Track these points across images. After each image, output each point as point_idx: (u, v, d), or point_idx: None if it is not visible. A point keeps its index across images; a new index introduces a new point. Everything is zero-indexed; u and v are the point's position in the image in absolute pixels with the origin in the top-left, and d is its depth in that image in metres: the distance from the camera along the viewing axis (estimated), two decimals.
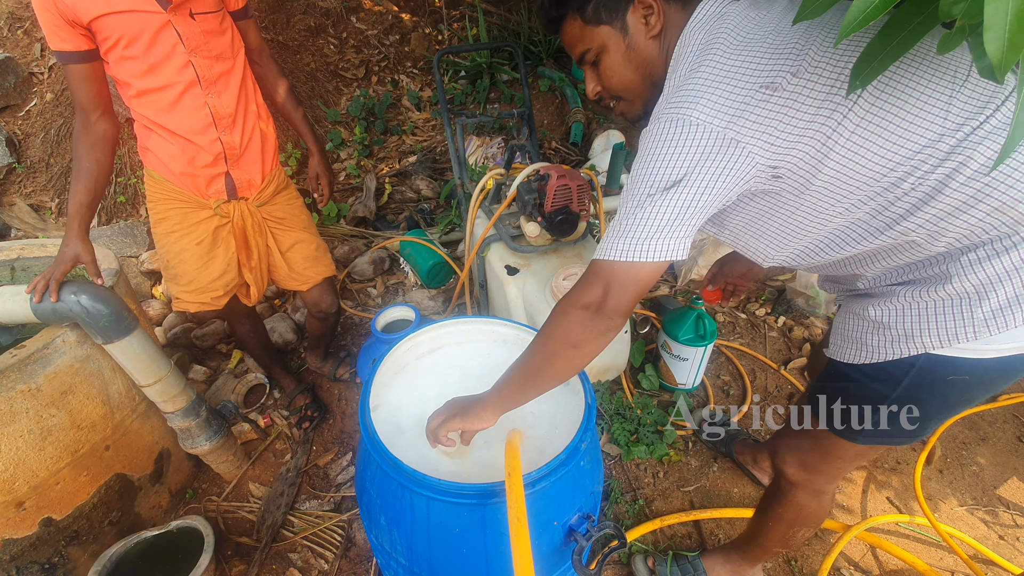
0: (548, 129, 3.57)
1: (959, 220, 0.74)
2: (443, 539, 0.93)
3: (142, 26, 1.25)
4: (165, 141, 1.40)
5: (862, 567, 1.56)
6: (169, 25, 1.28)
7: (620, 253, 0.78)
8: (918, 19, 0.56)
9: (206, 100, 1.38)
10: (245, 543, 1.64)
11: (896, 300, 0.85)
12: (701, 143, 0.74)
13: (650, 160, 0.77)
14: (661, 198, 0.76)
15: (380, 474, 0.97)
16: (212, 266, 1.54)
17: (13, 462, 1.30)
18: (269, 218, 1.61)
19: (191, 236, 1.50)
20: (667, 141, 0.75)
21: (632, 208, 0.77)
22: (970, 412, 2.02)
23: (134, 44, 1.26)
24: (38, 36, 3.06)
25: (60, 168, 2.94)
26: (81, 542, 1.51)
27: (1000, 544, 1.63)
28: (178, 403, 1.56)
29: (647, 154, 0.78)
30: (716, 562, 1.45)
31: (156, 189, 1.48)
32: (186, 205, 1.49)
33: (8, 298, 1.28)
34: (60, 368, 1.34)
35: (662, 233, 0.76)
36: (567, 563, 1.03)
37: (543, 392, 0.93)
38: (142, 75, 1.30)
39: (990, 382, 0.86)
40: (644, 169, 0.77)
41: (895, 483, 1.78)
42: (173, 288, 1.59)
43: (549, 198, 1.65)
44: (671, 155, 0.75)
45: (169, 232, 1.50)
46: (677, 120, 0.75)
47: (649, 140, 0.78)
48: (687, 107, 0.75)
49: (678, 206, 0.76)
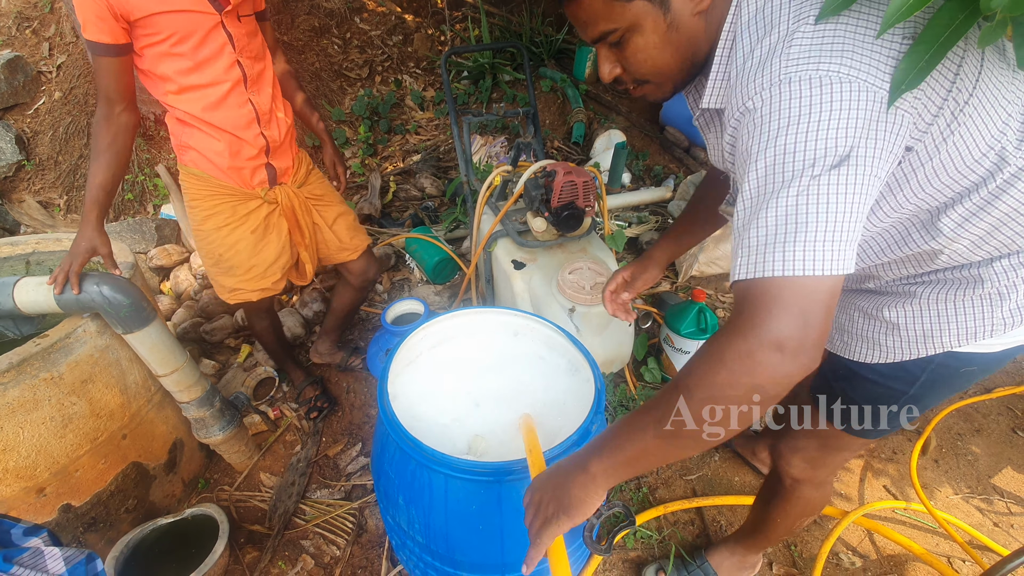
0: (550, 129, 3.62)
1: (1008, 228, 0.72)
2: (460, 516, 0.97)
3: (194, 26, 1.29)
4: (210, 137, 1.43)
5: (860, 551, 1.60)
6: (220, 26, 1.33)
7: (812, 264, 0.57)
8: (962, 14, 0.53)
9: (249, 97, 1.44)
10: (257, 531, 1.68)
11: (915, 302, 0.82)
12: (866, 106, 0.58)
13: (799, 129, 0.59)
14: (829, 178, 0.58)
15: (399, 454, 1.01)
16: (268, 251, 1.60)
17: (35, 448, 1.33)
18: (310, 197, 1.69)
19: (245, 226, 1.55)
20: (821, 104, 0.58)
21: (792, 196, 0.59)
22: (964, 403, 2.07)
23: (184, 42, 1.30)
24: (46, 35, 3.09)
25: (68, 165, 2.97)
26: (98, 529, 1.54)
27: (995, 531, 1.68)
28: (193, 393, 1.59)
29: (790, 123, 0.59)
30: (722, 557, 1.46)
31: (200, 186, 1.51)
32: (234, 198, 1.53)
33: (32, 288, 1.32)
34: (81, 357, 1.37)
35: (845, 228, 0.58)
36: (578, 540, 1.07)
37: (679, 459, 0.71)
38: (188, 72, 1.34)
39: (990, 369, 0.88)
40: (792, 141, 0.59)
41: (891, 471, 1.83)
42: (229, 281, 1.62)
43: (555, 194, 1.69)
44: (832, 121, 0.58)
45: (221, 227, 1.54)
46: (828, 78, 0.59)
47: (785, 107, 0.60)
48: (836, 63, 0.59)
49: (852, 190, 0.58)
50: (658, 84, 0.82)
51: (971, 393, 2.13)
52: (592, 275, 1.74)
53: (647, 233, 2.78)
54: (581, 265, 1.76)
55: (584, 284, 1.70)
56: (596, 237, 2.00)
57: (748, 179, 0.63)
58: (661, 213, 2.95)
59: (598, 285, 1.70)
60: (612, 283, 1.29)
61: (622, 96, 3.85)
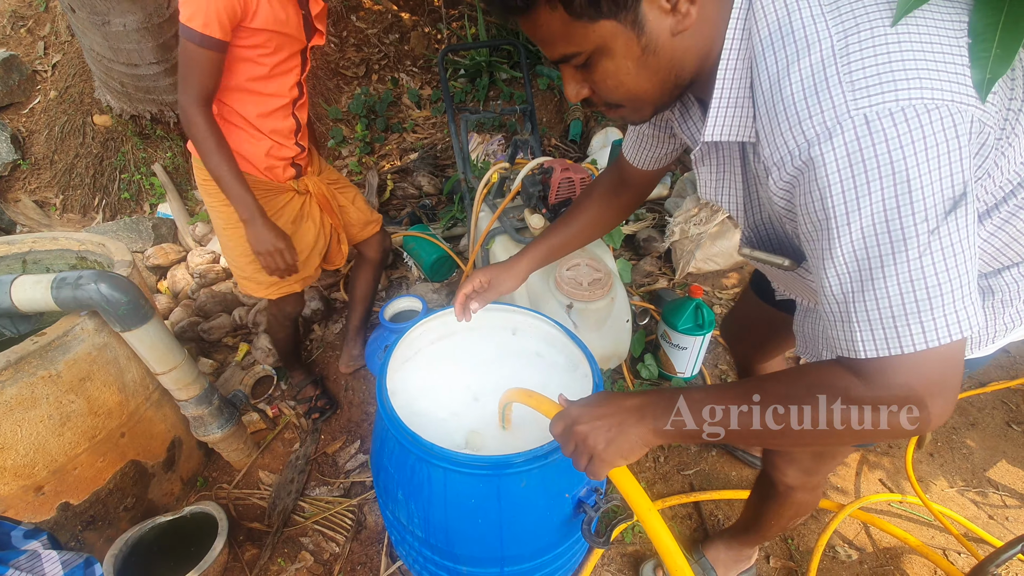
0: (547, 127, 3.62)
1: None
2: (459, 510, 0.98)
3: (287, 47, 1.42)
4: (254, 140, 1.51)
5: (856, 544, 1.61)
6: (299, 52, 1.47)
7: (955, 327, 0.54)
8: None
9: (294, 112, 1.55)
10: (257, 528, 1.68)
11: None
12: (967, 130, 0.52)
13: (899, 180, 0.51)
14: (948, 228, 0.52)
15: (398, 449, 1.01)
16: (306, 239, 1.66)
17: (33, 447, 1.33)
18: (330, 182, 1.78)
19: (283, 219, 1.60)
20: (915, 145, 0.51)
21: (913, 259, 0.53)
22: (959, 397, 2.09)
23: (272, 56, 1.41)
24: (41, 34, 3.08)
25: (64, 165, 2.96)
26: (97, 527, 1.54)
27: (990, 523, 1.69)
28: (192, 391, 1.59)
29: (883, 174, 0.51)
30: (718, 551, 1.46)
31: None
32: (269, 192, 1.58)
33: (29, 286, 1.31)
34: (79, 355, 1.37)
35: (970, 273, 0.54)
36: (577, 533, 1.07)
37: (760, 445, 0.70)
38: (259, 79, 1.43)
39: (973, 370, 0.87)
40: (893, 195, 0.52)
41: (887, 465, 1.84)
42: (271, 278, 1.63)
43: (553, 190, 1.69)
44: (936, 163, 0.51)
45: None
46: (913, 109, 0.50)
47: (871, 154, 0.51)
48: (916, 86, 0.51)
49: (968, 230, 0.53)
50: (634, 108, 0.72)
51: (966, 387, 2.14)
52: (590, 272, 1.74)
53: (644, 230, 2.79)
54: (579, 262, 1.77)
55: (582, 280, 1.70)
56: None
57: (840, 242, 0.55)
58: (657, 210, 2.96)
59: (596, 281, 1.71)
60: (468, 285, 1.15)
61: None
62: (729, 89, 0.64)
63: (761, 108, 0.61)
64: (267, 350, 2.20)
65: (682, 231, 2.59)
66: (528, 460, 0.93)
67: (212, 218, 1.62)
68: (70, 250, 1.74)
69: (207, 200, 1.58)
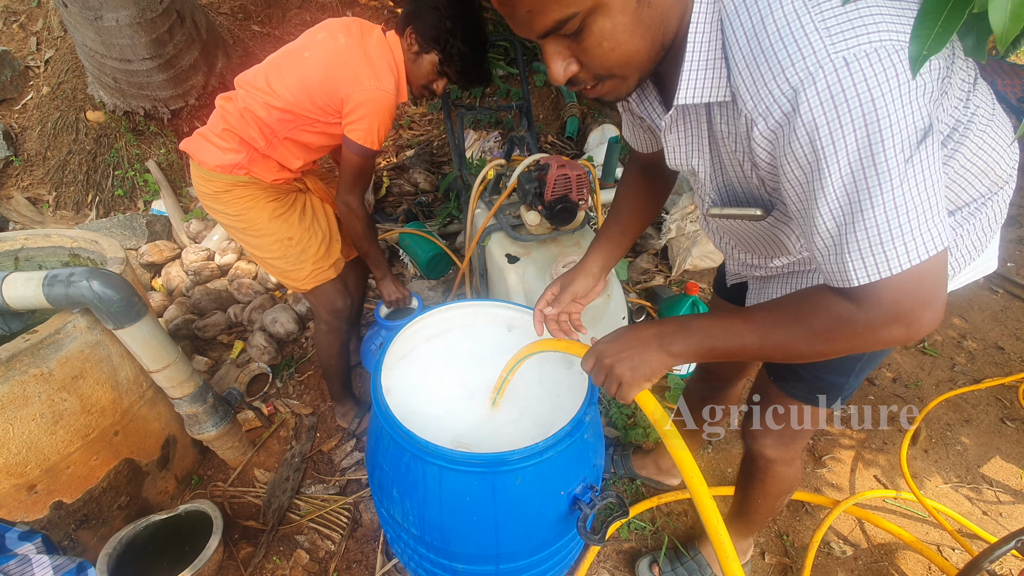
0: (544, 123, 3.61)
1: (956, 185, 0.77)
2: (454, 508, 0.98)
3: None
4: (275, 170, 1.55)
5: (851, 540, 1.62)
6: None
7: (932, 243, 0.58)
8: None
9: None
10: (252, 526, 1.67)
11: None
12: (927, 71, 0.56)
13: (879, 115, 0.55)
14: (920, 156, 0.57)
15: (393, 447, 1.01)
16: (321, 227, 1.68)
17: (26, 445, 1.32)
18: (321, 177, 1.79)
19: (294, 215, 1.62)
20: (889, 82, 0.54)
21: (895, 187, 0.57)
22: (954, 394, 2.09)
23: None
24: (34, 30, 3.05)
25: (57, 161, 2.94)
26: (91, 526, 1.53)
27: (984, 519, 1.70)
28: (186, 389, 1.58)
29: (865, 110, 0.55)
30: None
31: (251, 191, 1.53)
32: (276, 194, 1.59)
33: (20, 283, 1.30)
34: (71, 353, 1.36)
35: (939, 196, 0.58)
36: (572, 531, 1.07)
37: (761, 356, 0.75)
38: (321, 148, 1.57)
39: None
40: (876, 130, 0.55)
41: (882, 462, 1.85)
42: (305, 265, 1.63)
43: (549, 187, 1.69)
44: (907, 97, 0.55)
45: (280, 214, 1.58)
46: (885, 49, 0.54)
47: (852, 93, 0.55)
48: (884, 29, 0.55)
49: (935, 157, 0.58)
50: (622, 78, 0.69)
51: (960, 384, 2.15)
52: None
53: None
54: (575, 258, 1.76)
55: None
56: (589, 231, 2.00)
57: (831, 178, 0.59)
58: None
59: None
60: (542, 300, 1.11)
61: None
62: (701, 51, 0.65)
63: (740, 64, 0.62)
64: (262, 348, 2.19)
65: (678, 228, 2.59)
66: (523, 457, 0.93)
67: (231, 226, 1.58)
68: (63, 247, 1.73)
69: (222, 209, 1.54)
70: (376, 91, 1.39)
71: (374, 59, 1.42)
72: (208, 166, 1.47)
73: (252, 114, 1.44)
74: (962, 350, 2.35)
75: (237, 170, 1.48)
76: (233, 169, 1.48)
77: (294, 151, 1.52)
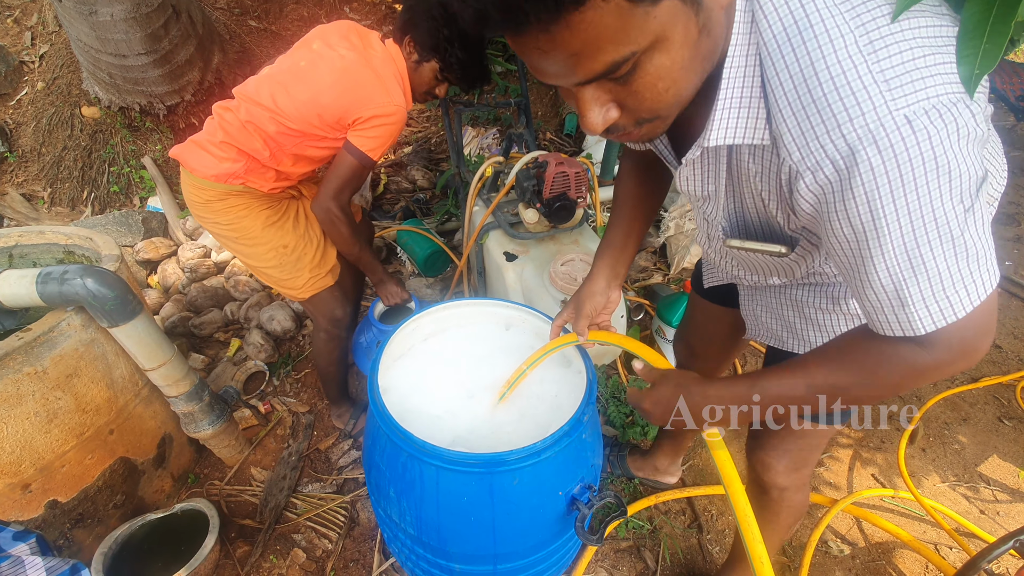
0: (542, 121, 3.60)
1: None
2: (451, 508, 0.97)
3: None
4: (273, 179, 1.51)
5: (848, 539, 1.62)
6: None
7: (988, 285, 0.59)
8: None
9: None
10: (249, 525, 1.67)
11: None
12: (983, 123, 0.56)
13: (940, 174, 0.53)
14: (977, 204, 0.57)
15: (390, 446, 1.00)
16: (313, 232, 1.63)
17: (20, 444, 1.31)
18: (313, 180, 1.76)
19: (288, 223, 1.57)
20: (949, 139, 0.53)
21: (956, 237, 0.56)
22: (951, 392, 2.09)
23: None
24: (28, 24, 3.03)
25: (52, 157, 2.91)
26: (86, 525, 1.52)
27: (981, 518, 1.70)
28: (181, 387, 1.57)
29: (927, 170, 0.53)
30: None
31: (247, 199, 1.49)
32: (270, 203, 1.55)
33: (14, 281, 1.29)
34: (66, 351, 1.35)
35: (989, 236, 0.59)
36: (570, 531, 1.07)
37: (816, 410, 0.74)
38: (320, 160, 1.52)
39: None
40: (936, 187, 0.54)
41: (879, 461, 1.85)
42: (302, 273, 1.59)
43: (547, 185, 1.68)
44: (967, 153, 0.54)
45: (274, 222, 1.54)
46: (943, 105, 0.52)
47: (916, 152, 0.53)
48: (939, 83, 0.53)
49: (985, 204, 0.60)
50: (665, 119, 0.61)
51: (958, 382, 2.15)
52: (584, 267, 1.73)
53: None
54: (573, 256, 1.76)
55: (576, 276, 1.69)
56: (588, 229, 1.99)
57: (891, 239, 0.57)
58: None
59: None
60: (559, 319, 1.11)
61: None
62: (736, 88, 0.60)
63: (785, 110, 0.58)
64: (259, 345, 2.18)
65: (677, 226, 2.58)
66: (521, 458, 0.92)
67: (223, 235, 1.53)
68: (57, 244, 1.71)
69: (214, 218, 1.49)
70: (390, 106, 1.37)
71: (381, 73, 1.39)
72: (202, 174, 1.42)
73: (257, 127, 1.40)
74: None
75: (233, 179, 1.44)
76: (229, 179, 1.44)
77: (298, 163, 1.49)
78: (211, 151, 1.42)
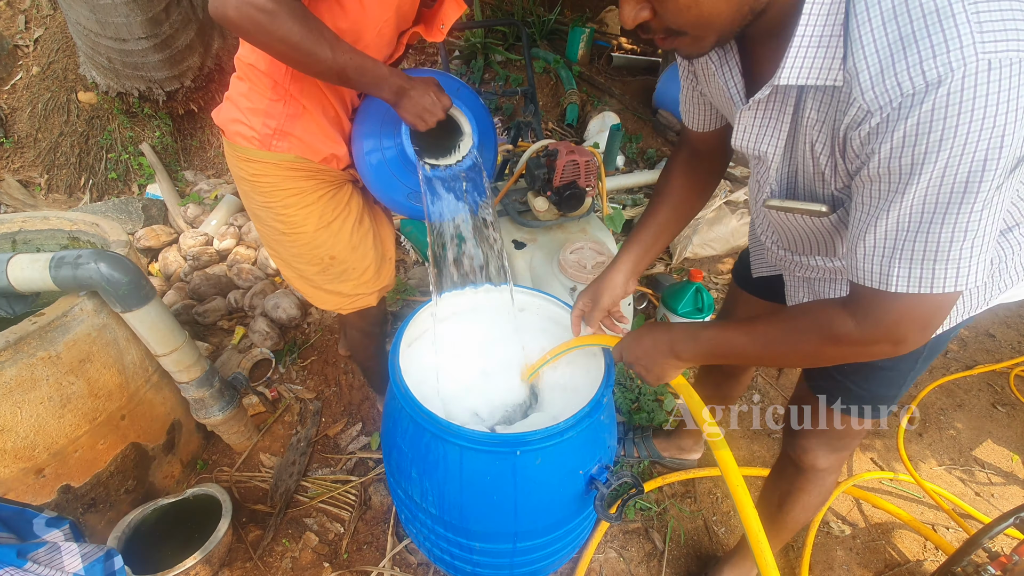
0: (543, 110, 3.59)
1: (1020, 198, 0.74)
2: (474, 487, 0.99)
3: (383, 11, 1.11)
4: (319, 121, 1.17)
5: (849, 520, 1.66)
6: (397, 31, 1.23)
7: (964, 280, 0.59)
8: None
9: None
10: (260, 510, 1.68)
11: None
12: None
13: (997, 130, 0.51)
14: (1006, 185, 0.55)
15: (412, 427, 1.01)
16: (368, 239, 1.36)
17: (33, 429, 1.31)
18: None
19: (350, 218, 1.30)
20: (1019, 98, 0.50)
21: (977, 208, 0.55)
22: (947, 380, 2.14)
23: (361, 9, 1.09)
24: (22, 8, 2.97)
25: (48, 143, 2.87)
26: (98, 509, 1.53)
27: (976, 500, 1.75)
28: (193, 373, 1.58)
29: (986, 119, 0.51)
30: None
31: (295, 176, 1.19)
32: (330, 186, 1.27)
33: (26, 265, 1.28)
34: (79, 336, 1.35)
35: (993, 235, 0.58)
36: (587, 509, 1.09)
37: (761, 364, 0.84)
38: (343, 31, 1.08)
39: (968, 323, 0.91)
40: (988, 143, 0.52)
41: (878, 445, 1.90)
42: (345, 286, 1.37)
43: (558, 173, 1.69)
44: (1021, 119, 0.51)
45: (330, 222, 1.27)
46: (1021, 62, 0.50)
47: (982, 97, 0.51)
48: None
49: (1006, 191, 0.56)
50: (696, 37, 0.64)
51: (953, 370, 2.20)
52: (593, 255, 1.75)
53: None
54: (582, 245, 1.77)
55: (586, 263, 1.71)
56: (595, 218, 2.01)
57: (921, 180, 0.55)
58: None
59: (599, 264, 1.72)
60: (577, 308, 1.14)
61: (615, 78, 3.84)
62: (817, 24, 0.58)
63: (868, 46, 0.56)
64: (265, 333, 2.18)
65: None
66: (544, 437, 0.94)
67: (265, 223, 1.28)
68: (62, 230, 1.70)
69: (263, 201, 1.22)
70: None
71: None
72: (243, 137, 1.15)
73: None
74: (955, 338, 2.40)
75: (278, 139, 1.14)
76: (272, 139, 1.14)
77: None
78: (245, 102, 1.15)
